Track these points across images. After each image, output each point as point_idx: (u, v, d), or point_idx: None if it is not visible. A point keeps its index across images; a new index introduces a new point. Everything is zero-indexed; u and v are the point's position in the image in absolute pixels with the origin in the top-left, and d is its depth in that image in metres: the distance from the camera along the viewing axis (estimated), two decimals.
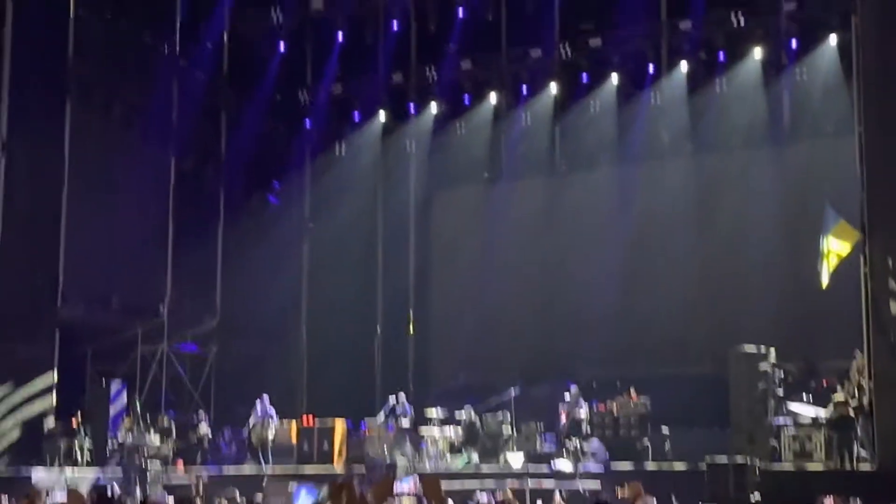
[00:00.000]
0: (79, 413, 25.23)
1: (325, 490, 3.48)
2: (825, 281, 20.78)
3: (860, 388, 19.95)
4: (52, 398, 25.62)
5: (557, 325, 27.90)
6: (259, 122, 29.90)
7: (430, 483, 6.26)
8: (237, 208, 30.17)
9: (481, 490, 18.31)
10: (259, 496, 18.44)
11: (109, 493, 15.61)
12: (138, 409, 26.07)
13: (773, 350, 21.84)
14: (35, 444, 24.72)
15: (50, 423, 24.95)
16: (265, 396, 25.05)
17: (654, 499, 14.62)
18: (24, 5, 25.47)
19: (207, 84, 29.68)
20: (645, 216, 27.78)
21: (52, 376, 25.68)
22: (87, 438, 24.79)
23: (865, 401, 19.79)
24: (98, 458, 24.71)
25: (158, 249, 28.69)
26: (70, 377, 26.43)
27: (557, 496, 17.49)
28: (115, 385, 26.18)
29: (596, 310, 26.97)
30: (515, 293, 28.66)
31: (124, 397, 26.21)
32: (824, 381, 23.29)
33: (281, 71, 30.12)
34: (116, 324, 27.84)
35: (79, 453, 24.47)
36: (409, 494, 17.32)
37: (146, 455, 24.11)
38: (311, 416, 26.00)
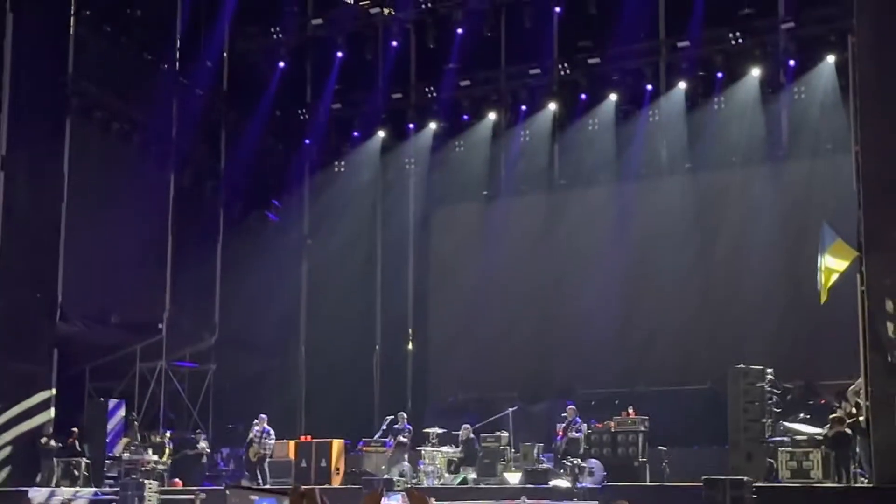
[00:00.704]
0: (77, 430, 25.22)
1: (286, 501, 3.45)
2: (824, 297, 20.83)
3: (857, 406, 19.96)
4: (51, 415, 25.60)
5: (556, 343, 27.91)
6: (258, 139, 29.96)
7: (418, 499, 6.25)
8: (236, 225, 30.21)
9: None
10: None
11: None
12: (136, 426, 26.06)
13: (771, 369, 21.86)
14: (33, 461, 24.69)
15: (48, 440, 24.92)
16: (263, 416, 25.06)
17: None
18: (24, 21, 25.55)
19: (207, 101, 29.78)
20: (644, 234, 27.84)
21: (51, 393, 25.68)
22: (84, 455, 24.77)
23: (862, 419, 19.80)
24: (96, 476, 24.69)
25: (157, 266, 28.70)
26: (68, 394, 26.42)
27: None
28: (114, 402, 26.16)
29: (595, 327, 26.98)
30: (514, 310, 28.67)
31: (122, 414, 26.19)
32: (821, 400, 23.32)
33: (280, 88, 30.19)
34: (115, 341, 27.83)
35: (76, 470, 24.45)
36: None
37: (144, 472, 24.10)
38: (308, 437, 26.01)
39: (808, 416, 22.23)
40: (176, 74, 29.27)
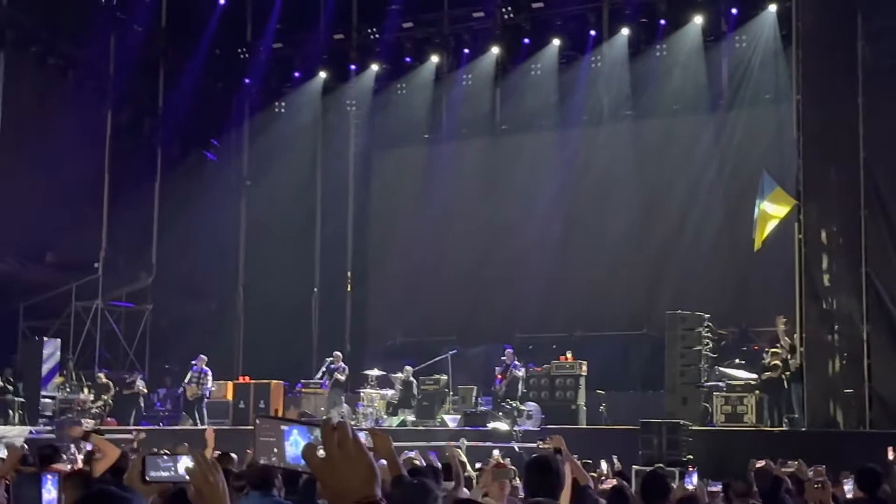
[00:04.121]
0: (10, 370, 24.92)
1: (317, 431, 3.45)
2: (758, 244, 21.14)
3: (793, 350, 20.34)
4: None
5: (495, 288, 27.99)
6: (198, 77, 29.44)
7: (381, 439, 6.26)
8: (174, 164, 29.79)
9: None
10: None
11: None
12: (71, 365, 25.81)
13: (707, 315, 22.17)
14: None
15: None
16: (201, 356, 24.95)
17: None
18: None
19: (145, 37, 29.17)
20: (584, 180, 27.91)
21: None
22: (19, 395, 24.52)
23: (795, 364, 20.18)
24: (30, 415, 24.47)
25: (93, 204, 28.31)
26: (2, 333, 26.10)
27: (496, 453, 17.61)
28: (48, 341, 25.88)
29: (534, 272, 27.12)
30: (454, 254, 28.68)
31: (57, 354, 25.93)
32: (755, 346, 23.71)
33: (221, 26, 29.65)
34: (50, 280, 27.47)
35: (11, 410, 24.20)
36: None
37: (79, 411, 23.92)
38: (247, 378, 25.95)
39: (743, 362, 22.59)
40: (114, 9, 28.65)
